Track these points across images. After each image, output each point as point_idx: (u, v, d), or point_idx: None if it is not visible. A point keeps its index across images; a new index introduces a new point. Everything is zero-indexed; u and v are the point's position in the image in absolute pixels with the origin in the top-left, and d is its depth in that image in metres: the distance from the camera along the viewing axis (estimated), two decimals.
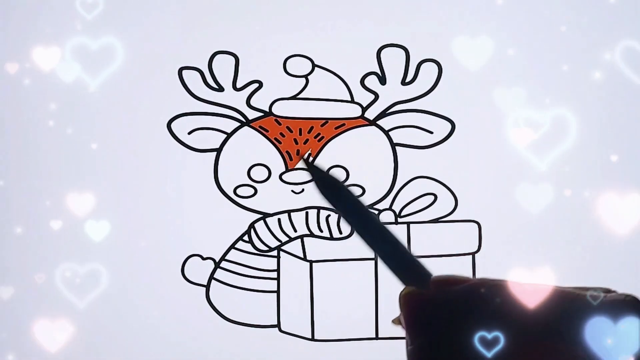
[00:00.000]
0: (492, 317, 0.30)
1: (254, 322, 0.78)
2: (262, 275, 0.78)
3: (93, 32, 0.76)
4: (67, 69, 0.76)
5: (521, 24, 0.77)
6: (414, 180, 0.77)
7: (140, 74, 0.76)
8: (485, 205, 0.76)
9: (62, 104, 0.76)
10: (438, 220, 0.78)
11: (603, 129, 0.77)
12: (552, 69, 0.77)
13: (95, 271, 0.77)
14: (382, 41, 0.76)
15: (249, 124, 0.77)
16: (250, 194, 0.77)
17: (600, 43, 0.76)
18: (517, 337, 0.30)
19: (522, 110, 0.76)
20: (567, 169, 0.76)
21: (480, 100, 0.76)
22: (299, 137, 0.77)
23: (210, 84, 0.76)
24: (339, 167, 0.77)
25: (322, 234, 0.77)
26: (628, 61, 0.76)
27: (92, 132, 0.77)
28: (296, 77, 0.76)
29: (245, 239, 0.77)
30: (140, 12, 0.77)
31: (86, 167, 0.77)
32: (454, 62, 0.76)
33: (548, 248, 0.76)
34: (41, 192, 0.77)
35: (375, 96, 0.76)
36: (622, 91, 0.76)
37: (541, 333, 0.29)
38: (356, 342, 0.77)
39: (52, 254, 0.77)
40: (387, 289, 0.77)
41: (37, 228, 0.77)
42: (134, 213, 0.77)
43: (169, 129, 0.76)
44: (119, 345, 0.77)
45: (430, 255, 0.77)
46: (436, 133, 0.77)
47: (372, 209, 0.78)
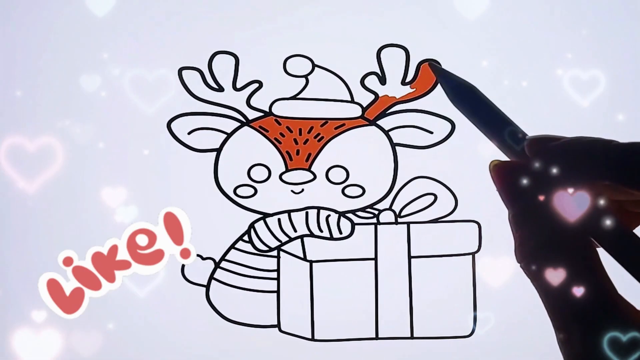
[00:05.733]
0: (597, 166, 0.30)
1: (254, 322, 0.78)
2: (262, 275, 0.78)
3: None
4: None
5: (521, 23, 0.77)
6: (414, 180, 0.77)
7: (140, 74, 0.76)
8: (485, 205, 0.76)
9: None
10: (438, 220, 0.78)
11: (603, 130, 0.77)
12: (551, 69, 0.77)
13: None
14: (382, 41, 0.76)
15: (249, 124, 0.77)
16: (250, 194, 0.77)
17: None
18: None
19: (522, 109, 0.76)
20: None
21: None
22: (299, 137, 0.77)
23: (210, 84, 0.76)
24: (339, 167, 0.77)
25: (322, 234, 0.77)
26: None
27: (93, 132, 0.77)
28: (296, 77, 0.76)
29: (245, 239, 0.77)
30: (140, 12, 0.76)
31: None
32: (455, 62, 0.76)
33: None
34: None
35: (375, 96, 0.76)
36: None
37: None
38: (356, 342, 0.77)
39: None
40: (387, 289, 0.77)
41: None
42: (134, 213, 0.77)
43: (169, 129, 0.76)
44: (118, 345, 0.77)
45: (430, 256, 0.77)
46: (436, 133, 0.77)
47: (372, 208, 0.78)
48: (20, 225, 0.77)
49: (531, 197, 0.31)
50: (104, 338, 0.77)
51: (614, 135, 0.32)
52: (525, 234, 0.31)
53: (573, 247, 0.30)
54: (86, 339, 0.77)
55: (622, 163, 0.30)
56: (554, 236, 0.31)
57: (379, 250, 0.77)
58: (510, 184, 0.32)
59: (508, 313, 0.76)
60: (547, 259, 0.30)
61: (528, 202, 0.32)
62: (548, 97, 0.77)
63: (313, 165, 0.77)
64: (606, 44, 0.77)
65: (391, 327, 0.77)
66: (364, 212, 0.77)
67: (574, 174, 0.31)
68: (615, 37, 0.77)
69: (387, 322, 0.77)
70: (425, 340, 0.77)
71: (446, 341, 0.77)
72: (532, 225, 0.31)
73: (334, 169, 0.77)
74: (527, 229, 0.31)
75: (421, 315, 0.77)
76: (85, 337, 0.77)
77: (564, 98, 0.77)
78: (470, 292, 0.77)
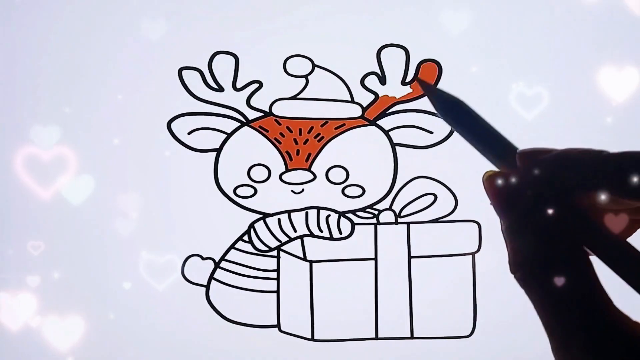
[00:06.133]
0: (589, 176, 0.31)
1: (254, 322, 0.78)
2: (262, 275, 0.78)
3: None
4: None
5: (520, 23, 0.77)
6: (414, 180, 0.77)
7: (140, 74, 0.76)
8: (485, 205, 0.76)
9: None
10: (438, 220, 0.78)
11: (603, 130, 0.77)
12: (551, 70, 0.77)
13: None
14: (382, 41, 0.76)
15: (249, 124, 0.77)
16: (250, 194, 0.77)
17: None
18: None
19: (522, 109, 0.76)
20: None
21: (480, 99, 0.76)
22: (299, 137, 0.77)
23: (210, 84, 0.76)
24: (339, 167, 0.77)
25: (322, 234, 0.77)
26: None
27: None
28: (296, 77, 0.76)
29: (245, 239, 0.77)
30: (139, 12, 0.76)
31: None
32: (454, 61, 0.76)
33: None
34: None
35: (375, 96, 0.76)
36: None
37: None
38: (356, 342, 0.77)
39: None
40: (387, 289, 0.77)
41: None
42: (134, 213, 0.77)
43: (169, 129, 0.76)
44: (118, 345, 0.77)
45: (430, 256, 0.77)
46: (436, 133, 0.77)
47: (372, 209, 0.78)
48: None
49: (524, 209, 0.32)
50: (104, 338, 0.77)
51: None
52: (519, 245, 0.32)
53: (567, 258, 0.30)
54: (85, 338, 0.77)
55: (613, 173, 0.30)
56: (548, 247, 0.31)
57: (379, 250, 0.77)
58: (504, 195, 0.33)
59: (508, 313, 0.76)
60: (541, 269, 0.31)
61: (521, 213, 0.32)
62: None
63: (313, 165, 0.77)
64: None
65: (391, 327, 0.77)
66: (364, 212, 0.77)
67: (566, 185, 0.31)
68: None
69: (387, 322, 0.77)
70: (425, 340, 0.77)
71: (446, 341, 0.77)
72: (525, 236, 0.31)
73: (334, 169, 0.77)
74: (520, 240, 0.32)
75: (421, 315, 0.77)
76: (85, 337, 0.77)
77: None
78: (470, 292, 0.77)
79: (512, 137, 0.35)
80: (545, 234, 0.31)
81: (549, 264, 0.30)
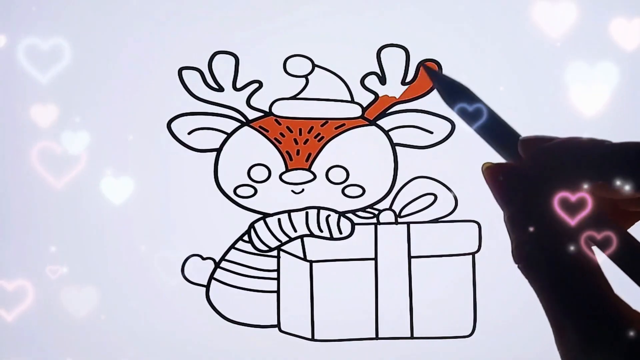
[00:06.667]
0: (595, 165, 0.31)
1: (254, 322, 0.78)
2: (262, 275, 0.78)
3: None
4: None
5: (519, 22, 0.77)
6: (414, 180, 0.77)
7: (140, 74, 0.76)
8: (485, 205, 0.76)
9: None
10: (438, 220, 0.78)
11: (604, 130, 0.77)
12: (550, 68, 0.77)
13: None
14: (382, 41, 0.76)
15: (249, 124, 0.77)
16: (250, 194, 0.77)
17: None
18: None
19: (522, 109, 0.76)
20: None
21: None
22: (299, 137, 0.77)
23: (210, 84, 0.76)
24: (339, 167, 0.77)
25: (322, 234, 0.77)
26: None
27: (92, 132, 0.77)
28: (296, 77, 0.76)
29: (245, 239, 0.77)
30: (139, 12, 0.76)
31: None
32: (455, 61, 0.76)
33: None
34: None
35: (375, 96, 0.76)
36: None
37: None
38: (356, 342, 0.77)
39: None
40: (387, 289, 0.77)
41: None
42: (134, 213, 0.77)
43: (169, 129, 0.76)
44: (118, 345, 0.77)
45: (430, 256, 0.77)
46: (436, 133, 0.77)
47: (372, 208, 0.78)
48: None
49: (526, 198, 0.32)
50: (103, 338, 0.77)
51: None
52: (521, 235, 0.32)
53: (569, 247, 0.30)
54: (85, 339, 0.77)
55: (616, 162, 0.30)
56: (550, 236, 0.31)
57: (379, 250, 0.77)
58: (504, 186, 0.32)
59: (508, 313, 0.76)
60: (544, 259, 0.31)
61: (523, 203, 0.32)
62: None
63: (313, 165, 0.77)
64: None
65: (391, 327, 0.77)
66: (364, 212, 0.77)
67: (568, 174, 0.31)
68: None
69: (387, 322, 0.77)
70: (425, 340, 0.77)
71: (446, 341, 0.77)
72: (528, 226, 0.31)
73: (334, 169, 0.77)
74: (523, 229, 0.31)
75: (421, 315, 0.77)
76: (84, 337, 0.77)
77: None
78: (470, 292, 0.77)
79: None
80: (547, 223, 0.31)
81: (551, 254, 0.30)
